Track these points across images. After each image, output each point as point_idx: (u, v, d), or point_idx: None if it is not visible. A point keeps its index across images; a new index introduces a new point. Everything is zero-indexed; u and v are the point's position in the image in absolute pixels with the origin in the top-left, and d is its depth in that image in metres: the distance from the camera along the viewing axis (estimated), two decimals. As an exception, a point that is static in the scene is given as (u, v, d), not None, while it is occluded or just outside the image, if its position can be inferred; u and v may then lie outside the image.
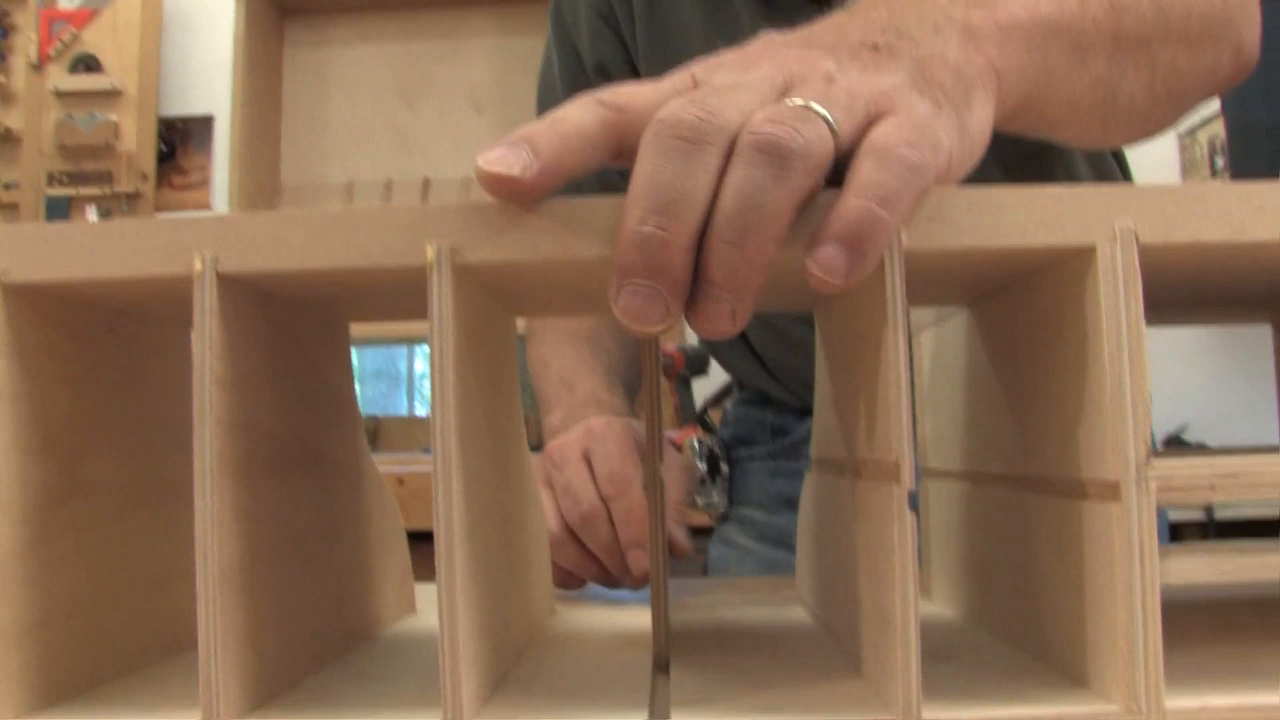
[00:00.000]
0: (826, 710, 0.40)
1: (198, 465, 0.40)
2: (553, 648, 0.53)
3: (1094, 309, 0.40)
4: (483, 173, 0.38)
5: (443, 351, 0.39)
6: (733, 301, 0.38)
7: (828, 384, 0.53)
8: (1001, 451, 0.51)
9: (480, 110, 1.89)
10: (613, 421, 0.77)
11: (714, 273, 0.38)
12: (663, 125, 0.38)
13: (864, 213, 0.38)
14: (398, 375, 2.76)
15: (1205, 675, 0.43)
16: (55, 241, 0.42)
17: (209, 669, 0.40)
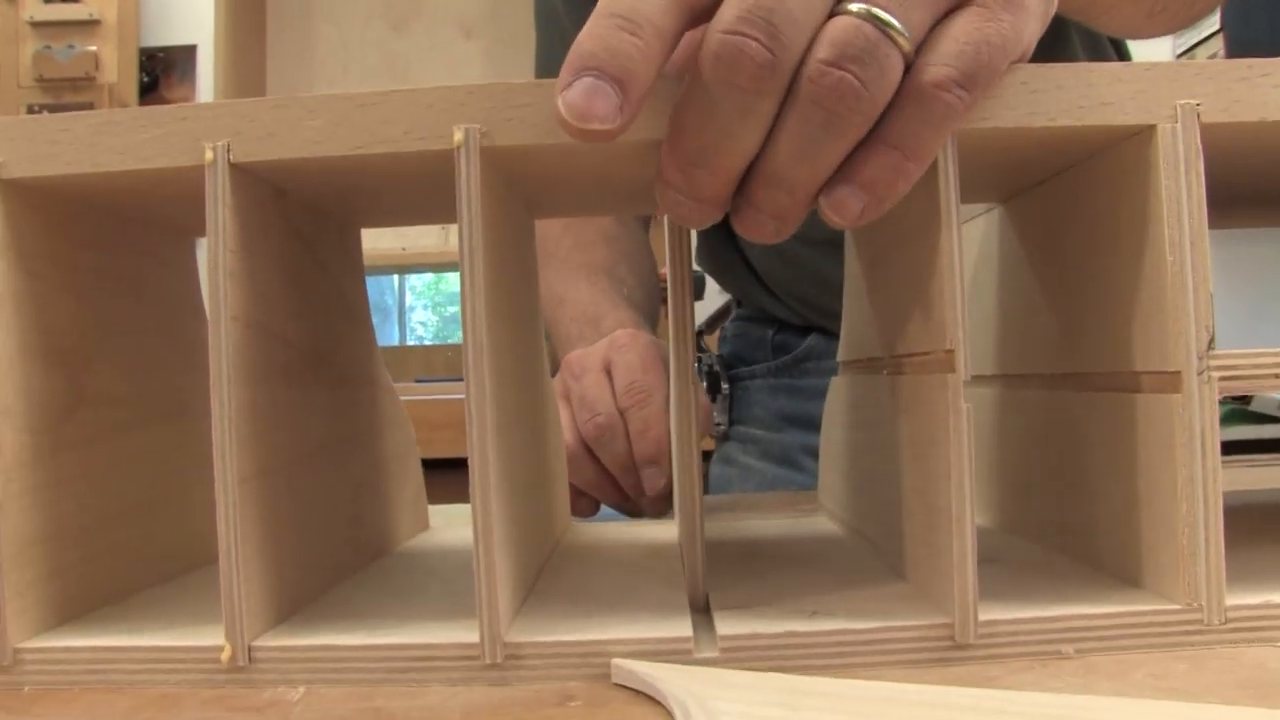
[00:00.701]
0: (878, 614, 0.39)
1: (213, 365, 0.38)
2: (577, 560, 0.51)
3: (1155, 191, 0.39)
4: (570, 126, 0.35)
5: (472, 239, 0.37)
6: (776, 224, 0.38)
7: (861, 283, 0.51)
8: (1040, 352, 0.49)
9: (470, 35, 1.84)
10: (637, 334, 0.74)
11: (761, 203, 0.37)
12: (721, 62, 0.34)
13: (893, 165, 0.36)
14: (387, 307, 2.72)
15: (1262, 575, 0.41)
16: (57, 133, 0.39)
17: (230, 578, 0.38)
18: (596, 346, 0.73)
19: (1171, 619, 0.38)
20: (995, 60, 0.37)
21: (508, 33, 1.83)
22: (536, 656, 0.38)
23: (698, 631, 0.38)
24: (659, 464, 0.68)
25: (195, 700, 0.37)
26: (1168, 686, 0.35)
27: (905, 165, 0.36)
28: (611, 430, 0.68)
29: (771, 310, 1.01)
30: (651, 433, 0.68)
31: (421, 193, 0.45)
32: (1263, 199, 0.55)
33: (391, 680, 0.38)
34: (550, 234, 0.93)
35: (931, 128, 0.36)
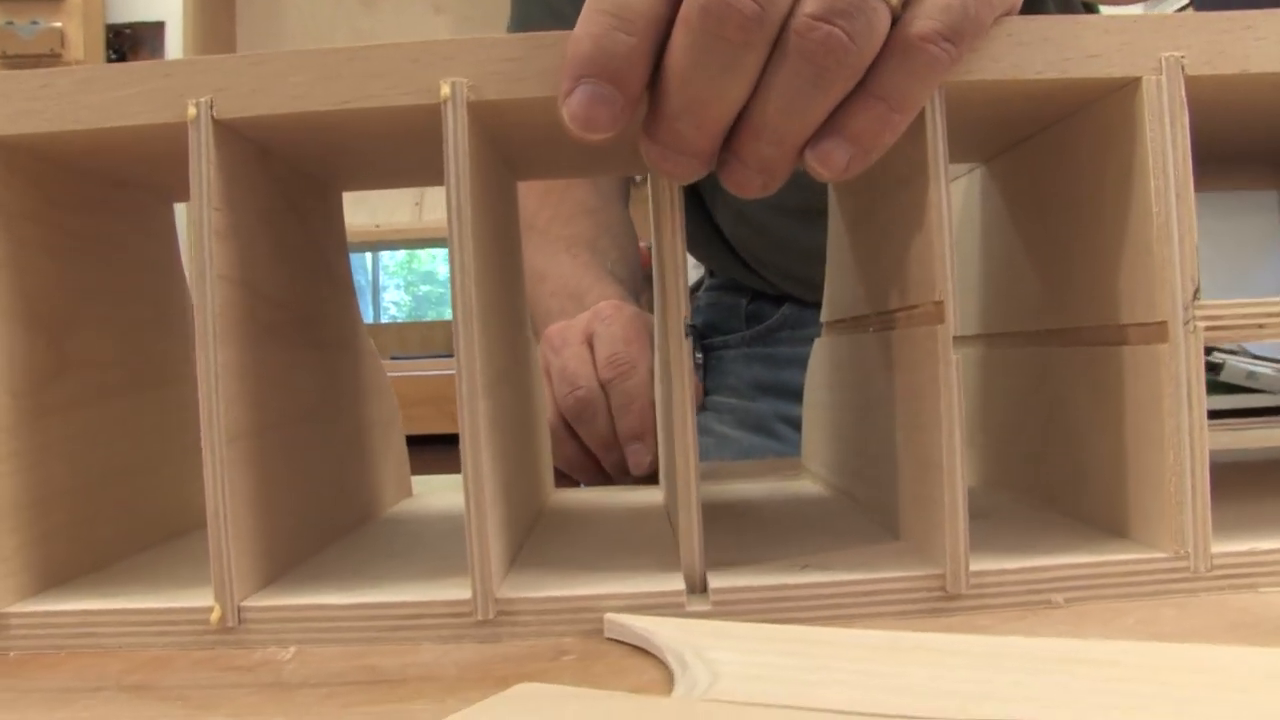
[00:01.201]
0: (869, 567, 0.39)
1: (199, 323, 0.38)
2: (562, 524, 0.51)
3: (1140, 144, 0.39)
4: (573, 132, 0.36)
5: (459, 194, 0.37)
6: (763, 179, 0.38)
7: (844, 242, 0.52)
8: (1023, 310, 0.50)
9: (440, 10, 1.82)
10: (622, 305, 0.73)
11: (748, 158, 0.37)
12: (709, 15, 0.34)
13: (879, 117, 0.36)
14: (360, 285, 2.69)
15: (1245, 524, 0.42)
16: (36, 89, 0.39)
17: (219, 538, 0.38)
18: (578, 319, 0.72)
19: (1159, 567, 0.38)
20: (981, 14, 0.37)
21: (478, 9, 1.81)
22: (529, 612, 0.38)
23: (689, 586, 0.38)
24: (644, 440, 0.67)
25: (186, 661, 0.37)
26: (1157, 632, 0.35)
27: (891, 117, 0.36)
28: (593, 405, 0.67)
29: (744, 280, 1.01)
30: (635, 405, 0.67)
31: (405, 152, 0.45)
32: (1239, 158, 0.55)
33: (383, 639, 0.38)
34: (528, 206, 0.92)
35: (918, 80, 0.36)
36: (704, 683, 0.30)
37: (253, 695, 0.33)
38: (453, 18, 1.82)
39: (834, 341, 0.55)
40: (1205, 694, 0.28)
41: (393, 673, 0.35)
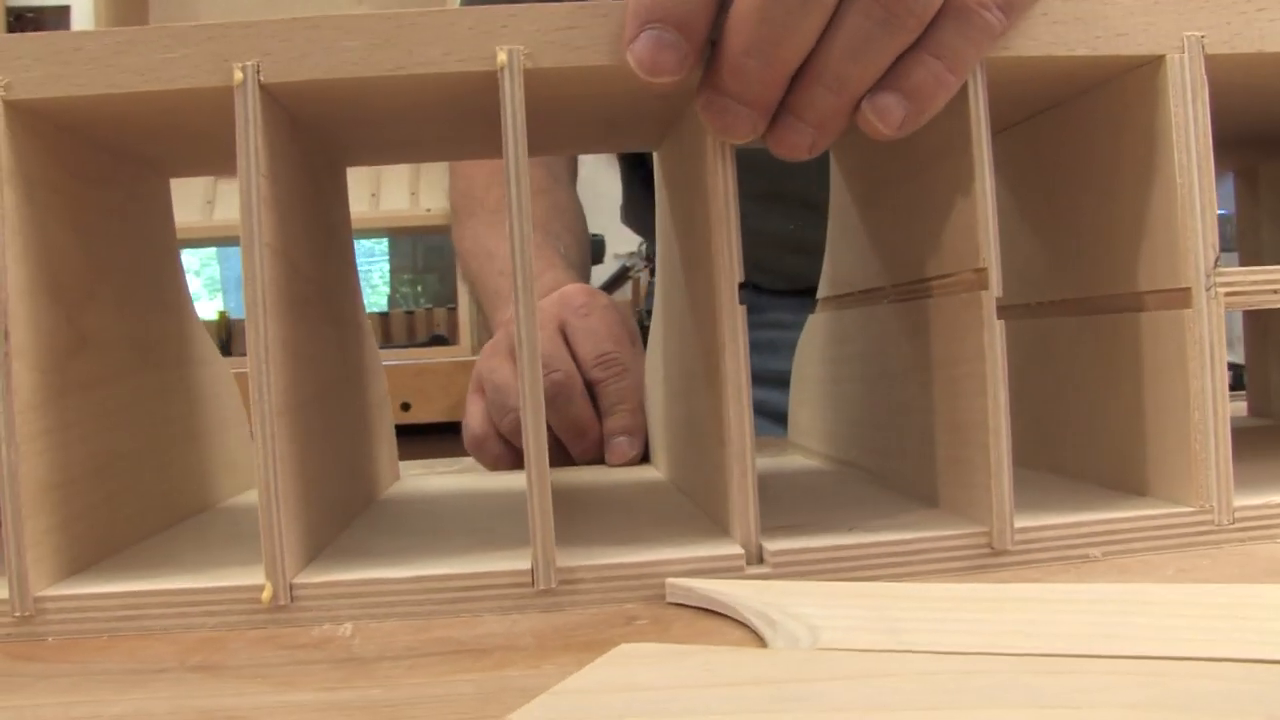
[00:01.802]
0: (914, 527, 0.40)
1: (249, 294, 0.37)
2: (578, 501, 0.51)
3: (1163, 119, 0.40)
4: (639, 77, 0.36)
5: (518, 165, 0.37)
6: (815, 135, 0.38)
7: (853, 219, 0.53)
8: (1026, 281, 0.51)
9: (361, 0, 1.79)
10: (594, 294, 0.72)
11: (804, 110, 0.38)
12: None
13: (935, 75, 0.37)
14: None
15: (1258, 480, 0.44)
16: (69, 52, 0.37)
17: (270, 514, 0.37)
18: (544, 302, 0.71)
19: (1187, 520, 0.40)
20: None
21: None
22: (591, 580, 0.38)
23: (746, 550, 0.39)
24: (633, 435, 0.67)
25: (242, 641, 0.36)
26: (1200, 579, 0.37)
27: (946, 77, 0.37)
28: (569, 389, 0.66)
29: None
30: (626, 406, 0.66)
31: (429, 124, 0.45)
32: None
33: (441, 612, 0.37)
34: (478, 182, 0.91)
35: (972, 43, 0.37)
36: (806, 637, 0.31)
37: (335, 670, 0.33)
38: (371, 5, 1.79)
39: (834, 316, 0.56)
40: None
41: (470, 643, 0.34)
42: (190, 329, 0.52)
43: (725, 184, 0.39)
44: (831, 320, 0.56)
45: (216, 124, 0.41)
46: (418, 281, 2.61)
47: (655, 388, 0.59)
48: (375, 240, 2.50)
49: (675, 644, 0.32)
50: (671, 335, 0.51)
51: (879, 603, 0.34)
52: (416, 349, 1.94)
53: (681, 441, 0.51)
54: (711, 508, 0.44)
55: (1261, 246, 0.69)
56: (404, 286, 2.63)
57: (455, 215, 0.95)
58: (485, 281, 0.88)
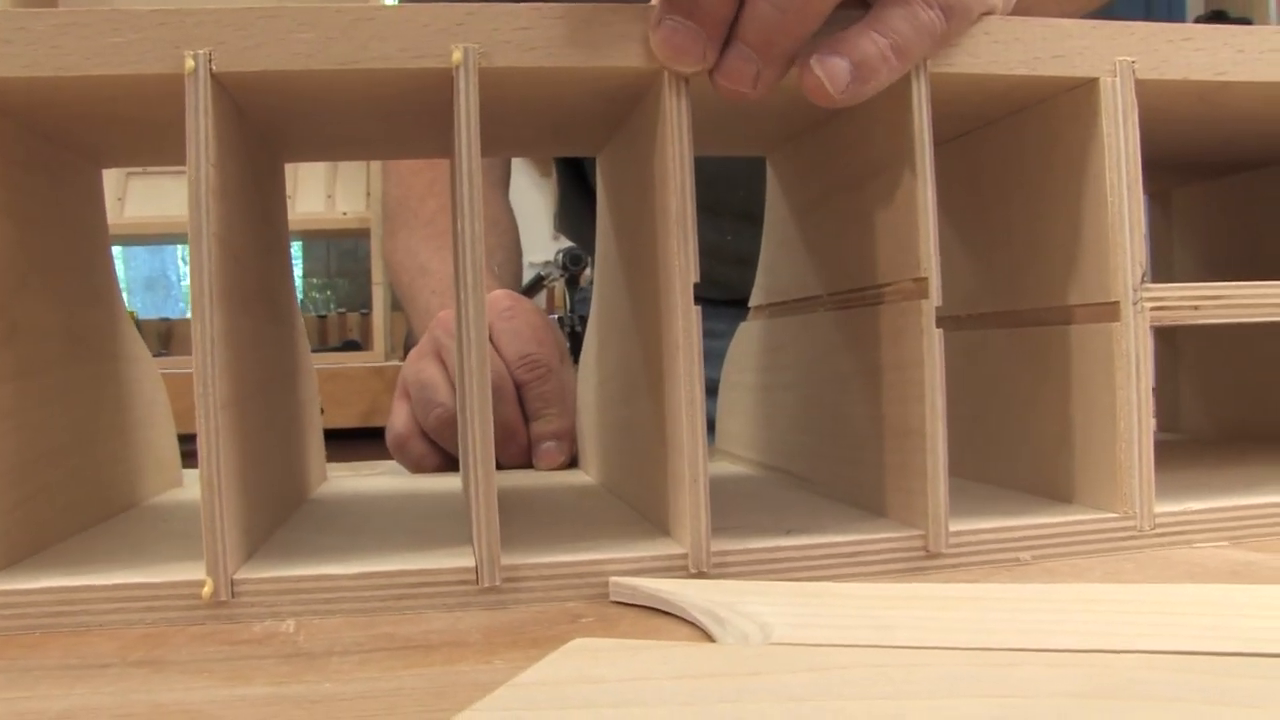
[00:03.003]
0: (850, 530, 0.41)
1: (195, 286, 0.36)
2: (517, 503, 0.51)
3: (1096, 139, 0.42)
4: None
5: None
6: (760, 64, 0.38)
7: (790, 230, 0.53)
8: (959, 293, 0.53)
9: None
10: (519, 299, 0.72)
11: (749, 32, 0.38)
12: None
13: (881, 51, 0.38)
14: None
15: (1174, 489, 0.46)
16: (12, 31, 0.36)
17: (212, 510, 0.36)
18: None
19: (1112, 526, 0.42)
20: (971, 3, 0.39)
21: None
22: (535, 578, 0.38)
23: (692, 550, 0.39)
24: (561, 440, 0.66)
25: (183, 638, 0.35)
26: (1125, 582, 0.38)
27: (890, 57, 0.39)
28: (500, 390, 0.66)
29: None
30: (554, 409, 0.66)
31: (383, 121, 0.44)
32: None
33: (385, 609, 0.37)
34: (414, 191, 0.90)
35: (916, 32, 0.39)
36: (757, 634, 0.31)
37: (283, 665, 0.32)
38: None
39: (767, 325, 0.57)
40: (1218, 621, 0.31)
41: (417, 639, 0.34)
42: (120, 323, 0.51)
43: (682, 180, 0.39)
44: (764, 328, 0.57)
45: (159, 112, 0.41)
46: (329, 286, 2.58)
47: (588, 392, 0.59)
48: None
49: (630, 639, 0.32)
50: (610, 340, 0.52)
51: (825, 601, 0.35)
52: (329, 353, 1.91)
53: (618, 446, 0.51)
54: (651, 511, 0.44)
55: (1173, 266, 0.72)
56: (315, 290, 2.60)
57: (388, 223, 0.94)
58: (416, 299, 0.87)
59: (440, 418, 0.66)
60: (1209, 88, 0.44)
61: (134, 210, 1.67)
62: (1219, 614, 0.32)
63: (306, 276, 2.58)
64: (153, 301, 2.51)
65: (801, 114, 0.47)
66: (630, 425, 0.47)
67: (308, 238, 2.24)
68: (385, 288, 1.67)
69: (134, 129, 0.44)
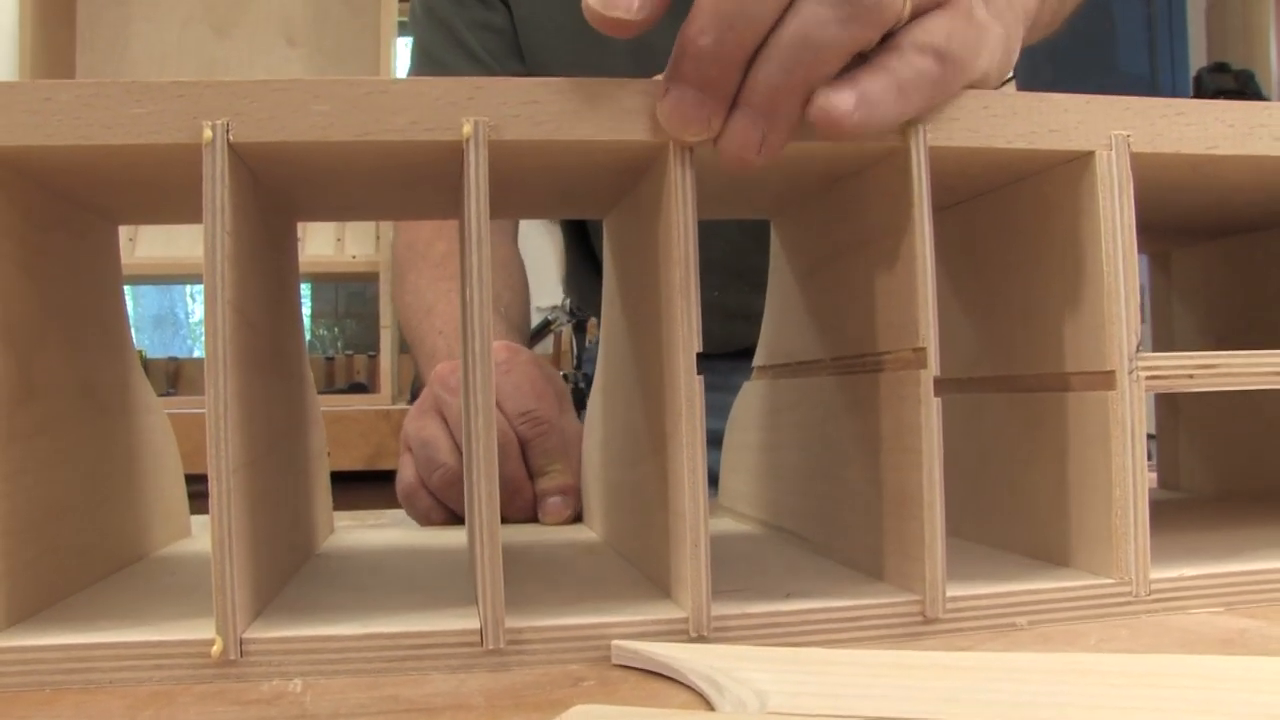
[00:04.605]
0: (849, 594, 0.42)
1: (210, 351, 0.37)
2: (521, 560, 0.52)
3: (1090, 211, 0.43)
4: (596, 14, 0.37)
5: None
6: (765, 128, 0.39)
7: (793, 293, 0.54)
8: (958, 356, 0.54)
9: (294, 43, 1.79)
10: (516, 350, 0.73)
11: (755, 95, 0.38)
12: None
13: (887, 89, 0.39)
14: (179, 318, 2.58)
15: (1170, 554, 0.46)
16: (39, 102, 0.37)
17: (223, 570, 0.37)
18: None
19: (1106, 592, 0.42)
20: (966, 56, 0.41)
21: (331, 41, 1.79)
22: (538, 641, 0.38)
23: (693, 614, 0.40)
24: (566, 495, 0.67)
25: (190, 696, 0.36)
26: (1120, 649, 0.39)
27: (891, 92, 0.39)
28: (504, 447, 0.66)
29: None
30: (559, 464, 0.67)
31: (394, 186, 0.45)
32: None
33: (390, 670, 0.38)
34: (422, 235, 0.91)
35: (915, 74, 0.39)
36: (753, 701, 0.32)
37: (289, 726, 0.33)
38: (306, 50, 1.79)
39: (771, 385, 0.57)
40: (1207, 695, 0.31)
41: (420, 702, 0.35)
42: (132, 374, 0.52)
43: (686, 251, 0.40)
44: (768, 388, 0.58)
45: (176, 177, 0.42)
46: (338, 326, 2.59)
47: (594, 449, 0.60)
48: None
49: (627, 706, 0.33)
50: (615, 400, 0.52)
51: (821, 669, 0.35)
52: (336, 395, 1.92)
53: (622, 505, 0.52)
54: (653, 571, 0.45)
55: (1173, 323, 0.73)
56: (323, 330, 2.61)
57: (398, 268, 0.95)
58: (423, 339, 0.88)
59: (443, 478, 0.67)
60: (1201, 160, 0.45)
61: (145, 250, 1.68)
62: (1209, 687, 0.32)
63: (315, 318, 2.60)
64: (161, 340, 2.52)
65: (806, 179, 0.47)
66: (634, 486, 0.48)
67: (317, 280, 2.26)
68: (393, 330, 1.68)
69: (150, 192, 0.45)
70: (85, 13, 1.77)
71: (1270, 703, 0.30)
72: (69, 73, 1.73)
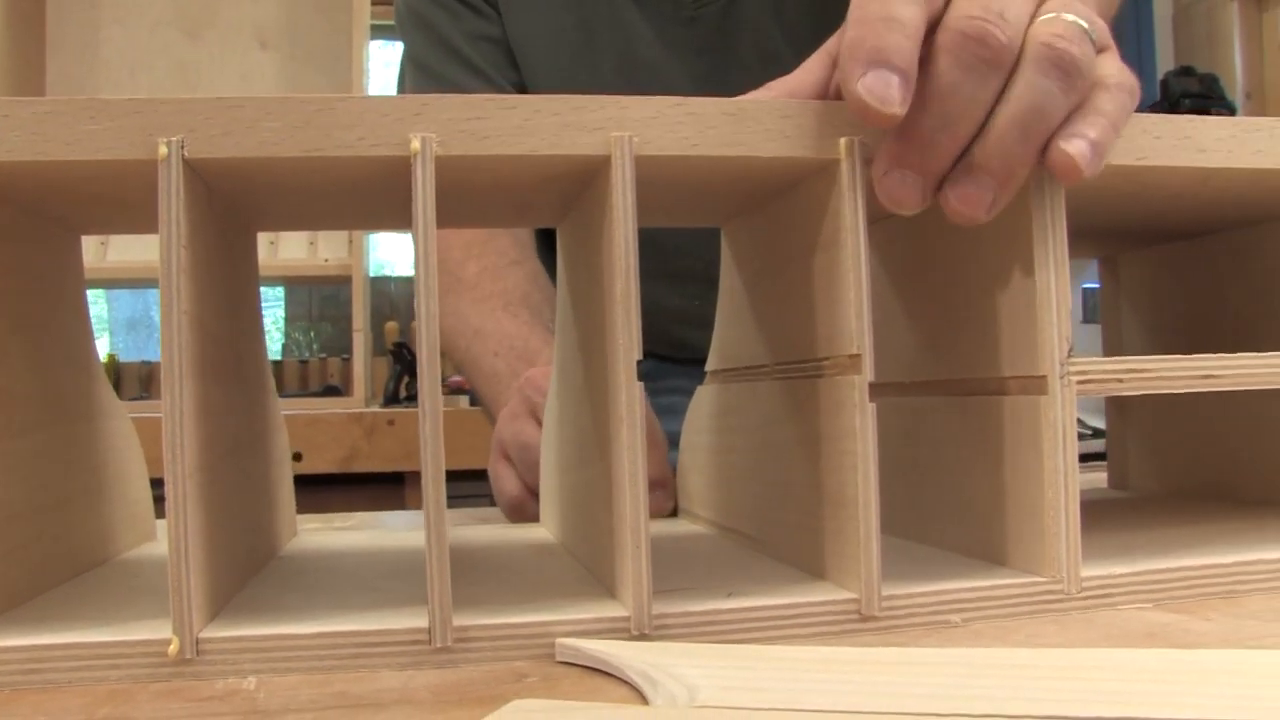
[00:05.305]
0: (788, 593, 0.43)
1: (166, 359, 0.38)
2: (475, 559, 0.53)
3: (1024, 222, 0.44)
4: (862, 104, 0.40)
5: (426, 240, 0.39)
6: (997, 191, 0.42)
7: (741, 299, 0.56)
8: (897, 361, 0.55)
9: (266, 46, 1.79)
10: None
11: (991, 163, 0.42)
12: (968, 38, 0.40)
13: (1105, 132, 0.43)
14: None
15: (1101, 552, 0.48)
16: (-5, 120, 0.39)
17: (179, 572, 0.38)
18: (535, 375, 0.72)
19: (1038, 590, 0.44)
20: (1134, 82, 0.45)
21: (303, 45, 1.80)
22: (484, 639, 0.40)
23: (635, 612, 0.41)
24: (664, 487, 0.69)
25: (147, 694, 0.37)
26: (1045, 644, 0.40)
27: (1113, 136, 0.43)
28: None
29: None
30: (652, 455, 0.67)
31: (349, 199, 0.47)
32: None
33: (342, 667, 0.39)
34: (452, 255, 0.92)
35: (1119, 110, 0.43)
36: (683, 695, 0.33)
37: (239, 722, 0.34)
38: (278, 53, 1.80)
39: (721, 389, 0.59)
40: (1120, 686, 0.33)
41: (368, 697, 0.36)
42: (95, 381, 0.53)
43: (627, 263, 0.41)
44: (719, 392, 0.59)
45: (134, 190, 0.43)
46: (313, 330, 2.60)
47: (550, 452, 0.62)
48: (270, 287, 2.50)
49: (563, 700, 0.34)
50: (567, 405, 0.54)
51: (752, 664, 0.36)
52: (309, 398, 1.93)
53: (574, 507, 0.53)
54: (600, 571, 0.46)
55: (1122, 326, 0.75)
56: (299, 334, 2.62)
57: None
58: (480, 363, 0.88)
59: None
60: (1132, 170, 0.47)
61: (116, 255, 1.69)
62: (1123, 679, 0.34)
63: (290, 321, 2.60)
64: (134, 343, 2.52)
65: (751, 190, 0.49)
66: (584, 489, 0.49)
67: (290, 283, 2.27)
68: (365, 334, 1.69)
69: (110, 204, 0.46)
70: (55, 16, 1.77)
71: (1172, 691, 0.32)
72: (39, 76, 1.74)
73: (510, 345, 0.86)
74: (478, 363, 0.89)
